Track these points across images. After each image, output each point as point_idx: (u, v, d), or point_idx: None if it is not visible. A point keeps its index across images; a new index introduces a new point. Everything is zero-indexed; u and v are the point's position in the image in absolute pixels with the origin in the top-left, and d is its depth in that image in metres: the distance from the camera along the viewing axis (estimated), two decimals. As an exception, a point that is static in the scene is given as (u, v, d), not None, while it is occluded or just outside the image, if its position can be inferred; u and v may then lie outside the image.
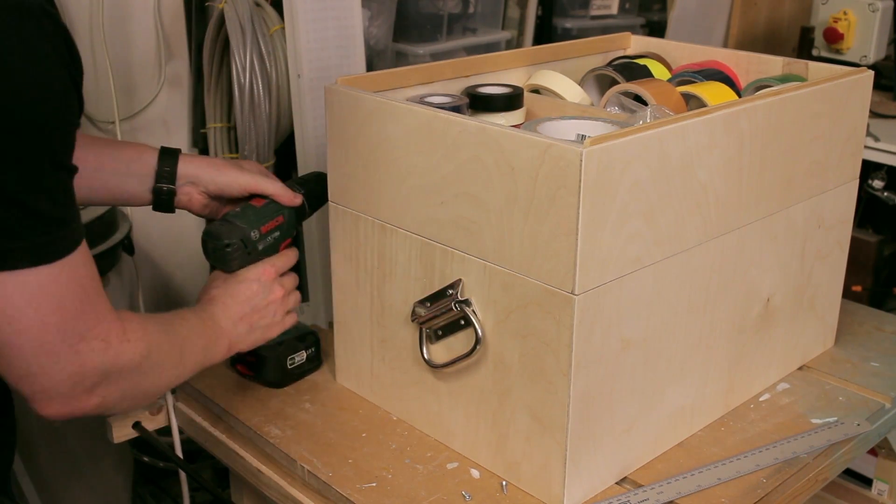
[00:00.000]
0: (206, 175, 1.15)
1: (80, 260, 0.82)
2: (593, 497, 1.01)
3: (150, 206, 1.16)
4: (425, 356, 1.06)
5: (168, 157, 1.14)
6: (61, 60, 0.78)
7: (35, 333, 0.79)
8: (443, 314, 1.03)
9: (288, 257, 1.13)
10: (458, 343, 1.03)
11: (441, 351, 1.06)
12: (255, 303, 1.08)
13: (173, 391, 1.23)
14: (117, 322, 0.86)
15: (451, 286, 1.02)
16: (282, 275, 1.12)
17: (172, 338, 0.96)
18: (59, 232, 0.80)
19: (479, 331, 1.00)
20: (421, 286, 1.06)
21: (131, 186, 1.14)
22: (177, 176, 1.14)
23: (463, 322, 1.02)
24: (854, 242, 1.35)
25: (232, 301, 1.07)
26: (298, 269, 1.17)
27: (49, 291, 0.79)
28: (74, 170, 0.82)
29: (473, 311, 1.00)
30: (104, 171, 1.12)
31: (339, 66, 1.48)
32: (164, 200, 1.15)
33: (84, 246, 0.83)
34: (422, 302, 1.05)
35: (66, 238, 0.80)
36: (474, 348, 1.00)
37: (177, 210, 1.17)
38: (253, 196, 1.15)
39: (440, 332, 1.05)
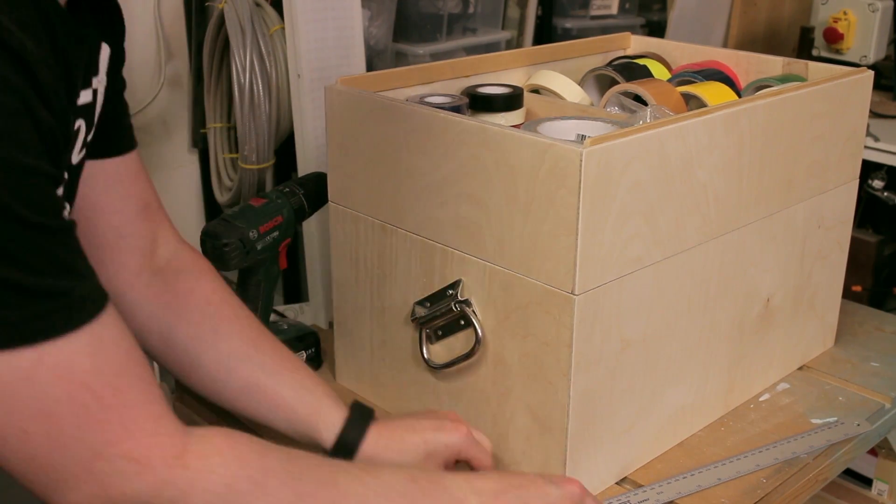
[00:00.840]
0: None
1: (88, 344, 0.61)
2: (593, 497, 1.01)
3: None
4: (425, 356, 1.06)
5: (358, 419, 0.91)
6: None
7: (15, 445, 0.60)
8: (443, 314, 1.03)
9: None
10: (458, 343, 1.03)
11: (441, 351, 1.06)
12: (529, 494, 0.81)
13: (172, 389, 1.23)
14: (166, 437, 0.65)
15: (451, 286, 1.02)
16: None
17: (306, 484, 0.70)
18: (42, 306, 0.59)
19: (479, 331, 1.00)
20: (421, 286, 1.06)
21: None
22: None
23: (463, 322, 1.02)
24: (854, 242, 1.35)
25: (497, 477, 0.82)
26: (297, 272, 1.16)
27: (26, 388, 0.59)
28: (57, 225, 0.62)
29: (473, 312, 1.00)
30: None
31: (339, 66, 1.48)
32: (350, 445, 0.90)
33: (99, 326, 0.62)
34: (422, 302, 1.05)
35: (53, 314, 0.60)
36: (474, 348, 1.00)
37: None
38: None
39: (440, 333, 1.05)
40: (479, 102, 1.14)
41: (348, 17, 1.49)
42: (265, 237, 1.13)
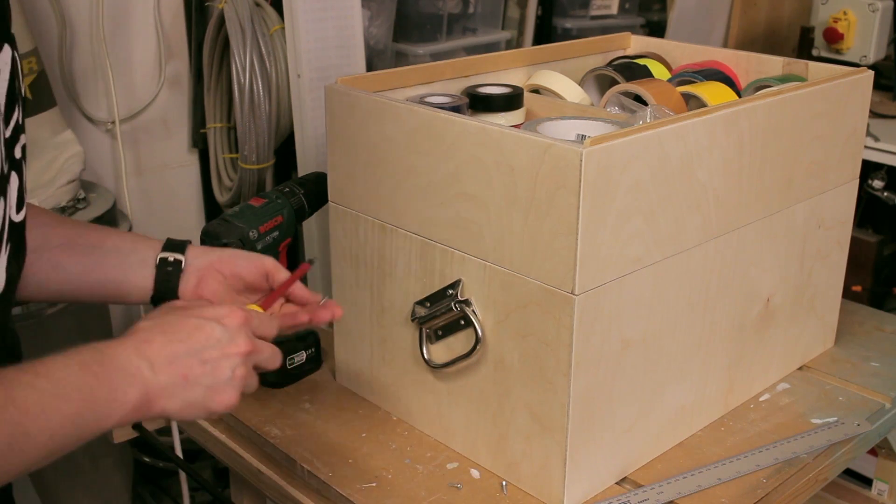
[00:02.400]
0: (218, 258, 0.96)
1: None
2: (593, 497, 1.01)
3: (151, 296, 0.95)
4: (425, 356, 1.06)
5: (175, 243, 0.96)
6: None
7: None
8: (443, 314, 1.03)
9: (270, 323, 0.86)
10: (458, 343, 1.03)
11: (441, 351, 1.06)
12: (202, 347, 0.77)
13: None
14: None
15: (451, 286, 1.02)
16: (258, 336, 0.84)
17: None
18: None
19: (479, 331, 1.00)
20: (421, 286, 1.06)
21: (131, 269, 0.94)
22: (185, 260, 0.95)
23: (463, 322, 1.02)
24: (854, 242, 1.35)
25: (163, 337, 0.77)
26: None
27: None
28: None
29: (473, 311, 1.00)
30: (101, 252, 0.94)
31: (339, 66, 1.48)
32: (168, 276, 0.94)
33: None
34: (422, 302, 1.05)
35: None
36: (474, 348, 1.00)
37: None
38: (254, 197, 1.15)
39: (440, 332, 1.05)
40: (479, 102, 1.14)
41: (348, 17, 1.50)
42: (265, 237, 1.13)
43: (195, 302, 0.85)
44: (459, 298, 1.01)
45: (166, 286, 0.93)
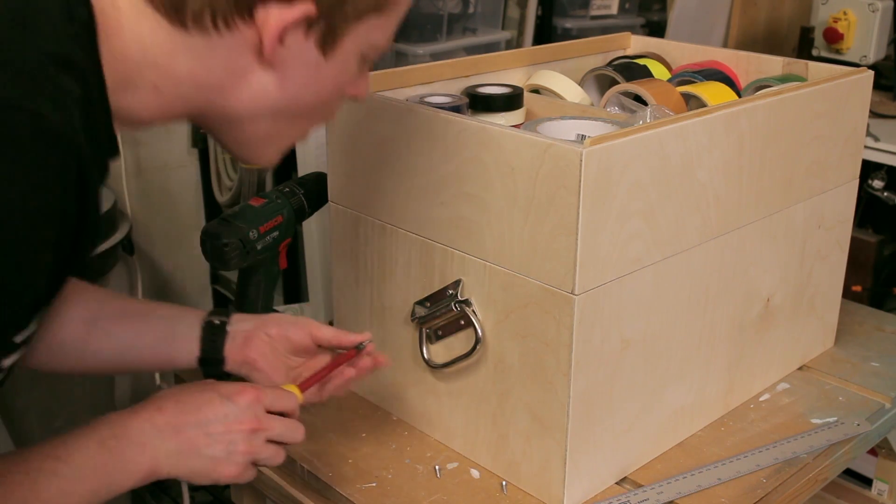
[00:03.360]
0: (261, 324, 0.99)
1: None
2: (593, 497, 1.01)
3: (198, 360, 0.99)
4: (425, 356, 1.06)
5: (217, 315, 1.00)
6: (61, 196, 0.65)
7: None
8: (443, 314, 1.03)
9: (288, 399, 0.90)
10: (458, 343, 1.03)
11: (441, 351, 1.06)
12: (209, 421, 0.83)
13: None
14: None
15: (452, 286, 1.02)
16: (270, 412, 0.88)
17: None
18: None
19: (479, 331, 1.00)
20: (421, 286, 1.06)
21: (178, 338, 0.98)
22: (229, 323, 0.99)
23: (463, 322, 1.02)
24: (854, 242, 1.35)
25: (175, 407, 0.83)
26: (297, 272, 1.15)
27: None
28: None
29: (473, 311, 1.00)
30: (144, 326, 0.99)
31: (339, 66, 1.48)
32: (213, 339, 0.98)
33: None
34: (422, 302, 1.05)
35: None
36: (474, 348, 1.00)
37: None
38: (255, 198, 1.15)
39: (440, 332, 1.05)
40: (479, 102, 1.14)
41: (348, 17, 1.49)
42: (265, 237, 1.13)
43: (220, 382, 0.88)
44: (459, 298, 1.01)
45: (212, 347, 0.97)
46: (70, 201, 0.66)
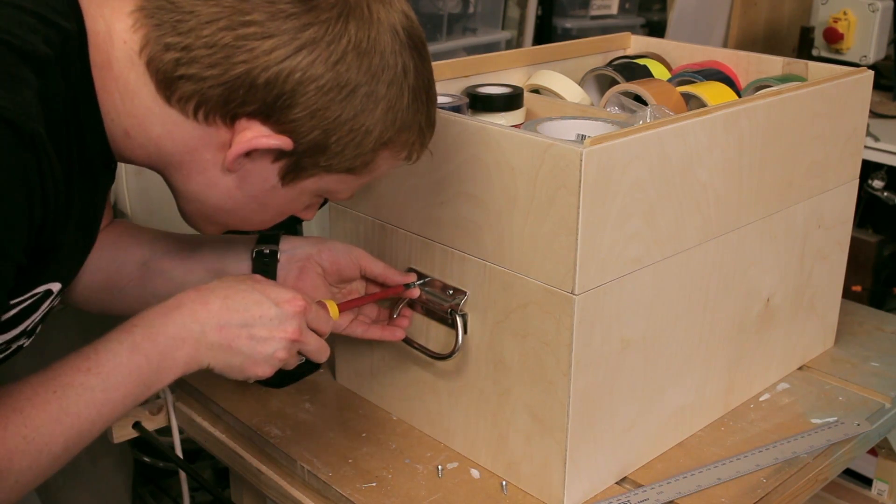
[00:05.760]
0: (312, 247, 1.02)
1: None
2: (593, 497, 1.01)
3: None
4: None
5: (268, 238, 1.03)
6: (23, 187, 0.69)
7: None
8: (435, 309, 1.03)
9: (326, 321, 0.92)
10: (440, 333, 1.03)
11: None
12: (254, 323, 0.84)
13: (172, 389, 1.23)
14: None
15: (454, 290, 1.02)
16: (312, 328, 0.90)
17: (44, 435, 0.73)
18: None
19: (460, 341, 1.00)
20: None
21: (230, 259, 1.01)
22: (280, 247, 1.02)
23: (449, 322, 1.02)
24: (854, 242, 1.35)
25: (221, 303, 0.84)
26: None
27: None
28: None
29: (465, 323, 1.01)
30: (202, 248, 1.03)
31: (339, 66, 1.48)
32: (266, 267, 1.00)
33: None
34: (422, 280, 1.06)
35: None
36: (451, 353, 1.01)
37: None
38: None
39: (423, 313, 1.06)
40: (479, 102, 1.14)
41: (348, 17, 1.49)
42: (265, 237, 1.13)
43: (268, 283, 0.89)
44: (459, 312, 1.01)
45: (265, 276, 0.95)
46: (22, 185, 0.68)
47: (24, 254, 0.71)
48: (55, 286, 0.83)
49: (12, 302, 0.78)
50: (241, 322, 0.84)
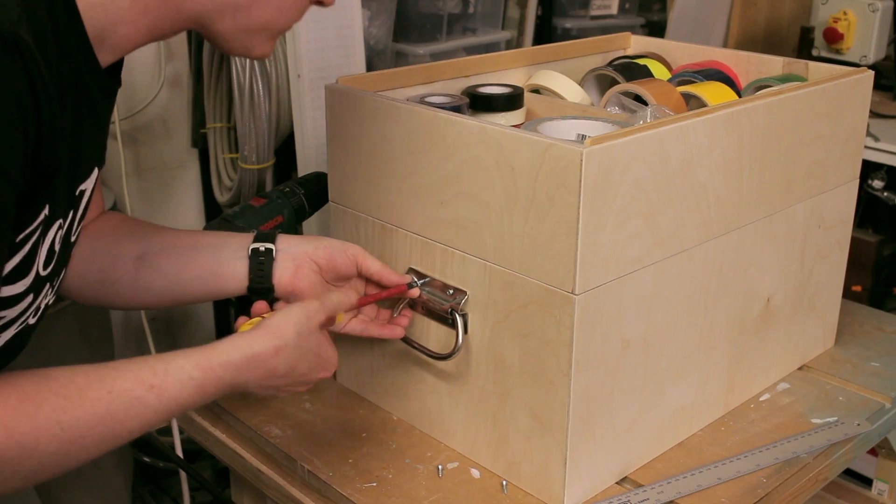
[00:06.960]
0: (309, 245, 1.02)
1: None
2: (593, 497, 1.01)
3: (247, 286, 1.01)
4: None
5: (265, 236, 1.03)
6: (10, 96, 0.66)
7: None
8: (436, 309, 1.03)
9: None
10: (441, 332, 1.03)
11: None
12: (293, 384, 0.91)
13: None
14: None
15: (454, 290, 1.02)
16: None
17: (80, 428, 0.74)
18: None
19: (460, 340, 1.00)
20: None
21: (226, 257, 1.01)
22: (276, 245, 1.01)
23: (449, 322, 1.02)
24: (854, 242, 1.35)
25: (284, 372, 0.89)
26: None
27: None
28: None
29: (465, 323, 1.01)
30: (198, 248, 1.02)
31: (339, 66, 1.48)
32: (261, 265, 0.99)
33: None
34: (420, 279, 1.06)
35: None
36: (452, 353, 1.01)
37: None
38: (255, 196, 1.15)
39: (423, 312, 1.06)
40: (479, 102, 1.14)
41: (348, 17, 1.50)
42: (265, 237, 1.13)
43: (324, 346, 0.93)
44: (459, 311, 1.01)
45: (260, 275, 0.99)
46: (14, 97, 0.66)
47: (22, 175, 0.68)
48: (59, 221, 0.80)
49: (18, 239, 0.73)
50: (280, 385, 0.90)
